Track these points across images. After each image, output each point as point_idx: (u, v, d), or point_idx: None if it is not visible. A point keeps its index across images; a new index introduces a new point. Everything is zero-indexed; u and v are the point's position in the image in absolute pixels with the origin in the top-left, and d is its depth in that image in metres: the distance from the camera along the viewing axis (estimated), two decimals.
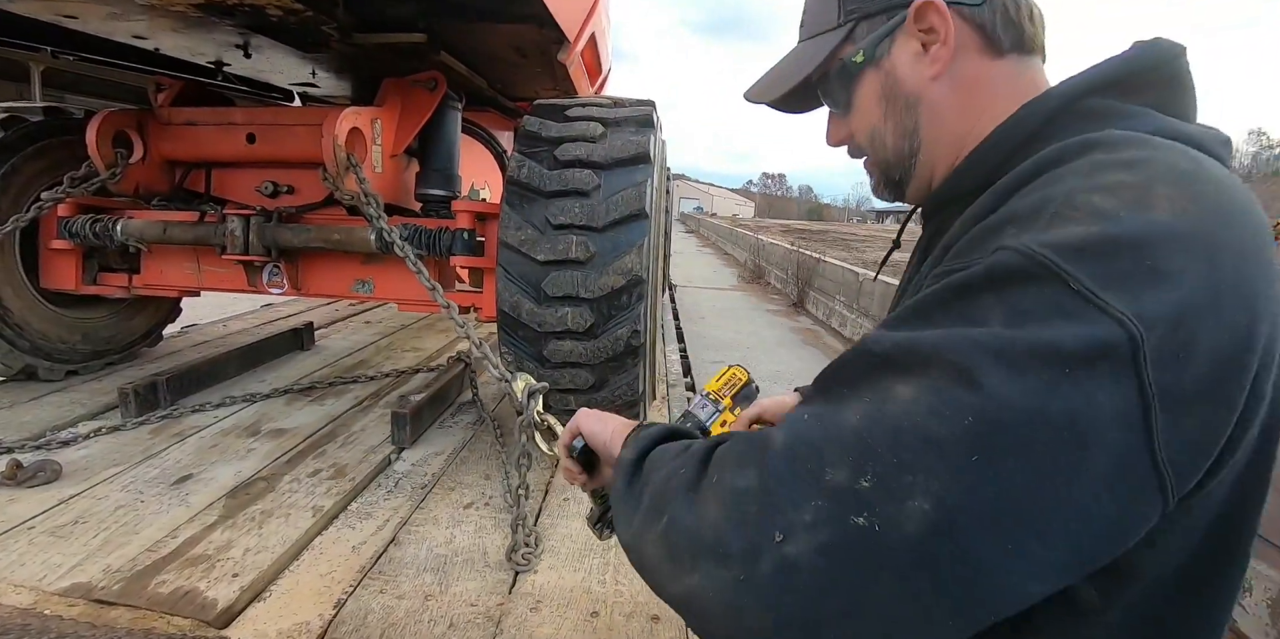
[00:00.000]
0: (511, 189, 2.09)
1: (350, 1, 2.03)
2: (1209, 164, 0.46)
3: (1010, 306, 0.40)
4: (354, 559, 1.60)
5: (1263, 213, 0.46)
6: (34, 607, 1.34)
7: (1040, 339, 0.38)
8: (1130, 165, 0.44)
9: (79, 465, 1.99)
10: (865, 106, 0.66)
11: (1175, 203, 0.41)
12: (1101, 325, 0.37)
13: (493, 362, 1.84)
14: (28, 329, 2.62)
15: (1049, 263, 0.40)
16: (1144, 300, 0.38)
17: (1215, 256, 0.40)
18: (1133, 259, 0.39)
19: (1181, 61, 0.55)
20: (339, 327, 4.15)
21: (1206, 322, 0.38)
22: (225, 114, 2.54)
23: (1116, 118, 0.52)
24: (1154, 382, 0.37)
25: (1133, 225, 0.40)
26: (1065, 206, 0.43)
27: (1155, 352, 0.37)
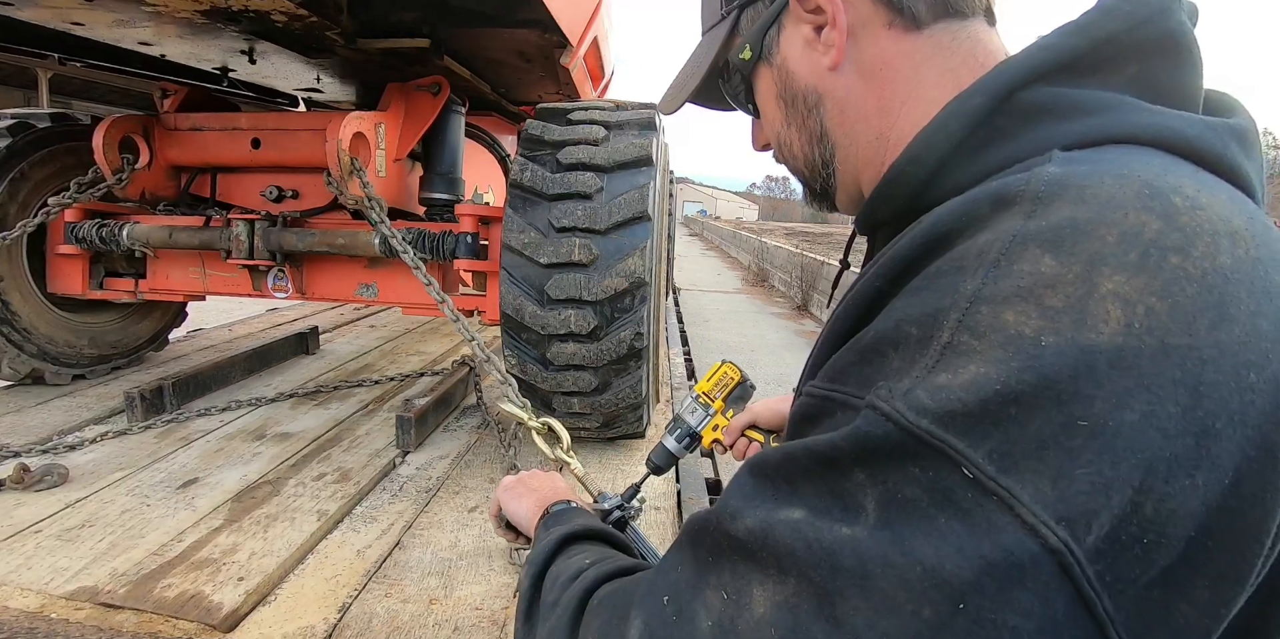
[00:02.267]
0: (514, 192, 2.10)
1: (354, 7, 2.04)
2: (1202, 207, 0.31)
3: (886, 493, 0.30)
4: (359, 563, 1.60)
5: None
6: (41, 610, 1.35)
7: (921, 561, 0.28)
8: (1060, 241, 0.30)
9: (85, 469, 2.00)
10: (766, 109, 0.55)
11: (1130, 304, 0.28)
12: (1007, 534, 0.27)
13: (495, 364, 1.84)
14: (35, 334, 2.63)
15: (927, 435, 0.29)
16: (1074, 484, 0.27)
17: (1197, 383, 0.28)
18: (1057, 418, 0.28)
19: (1173, 17, 0.40)
20: (344, 331, 4.16)
21: (1183, 482, 0.27)
22: (230, 119, 2.56)
23: (1072, 117, 0.38)
24: (1105, 589, 0.27)
25: (1057, 362, 0.28)
26: (962, 330, 0.30)
27: (1100, 552, 0.27)
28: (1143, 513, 0.27)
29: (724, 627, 0.32)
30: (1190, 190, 0.32)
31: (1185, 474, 0.27)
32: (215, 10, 1.79)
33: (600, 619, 0.42)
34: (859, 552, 0.29)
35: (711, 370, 0.86)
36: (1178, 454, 0.27)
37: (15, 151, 2.51)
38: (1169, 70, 0.40)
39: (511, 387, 1.77)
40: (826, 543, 0.30)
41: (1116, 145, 0.36)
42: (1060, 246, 0.30)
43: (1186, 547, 0.28)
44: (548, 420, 1.03)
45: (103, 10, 1.85)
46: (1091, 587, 0.27)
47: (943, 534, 0.28)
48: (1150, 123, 0.37)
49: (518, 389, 1.75)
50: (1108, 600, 0.27)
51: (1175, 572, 0.28)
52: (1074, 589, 0.27)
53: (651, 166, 2.11)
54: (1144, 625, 0.28)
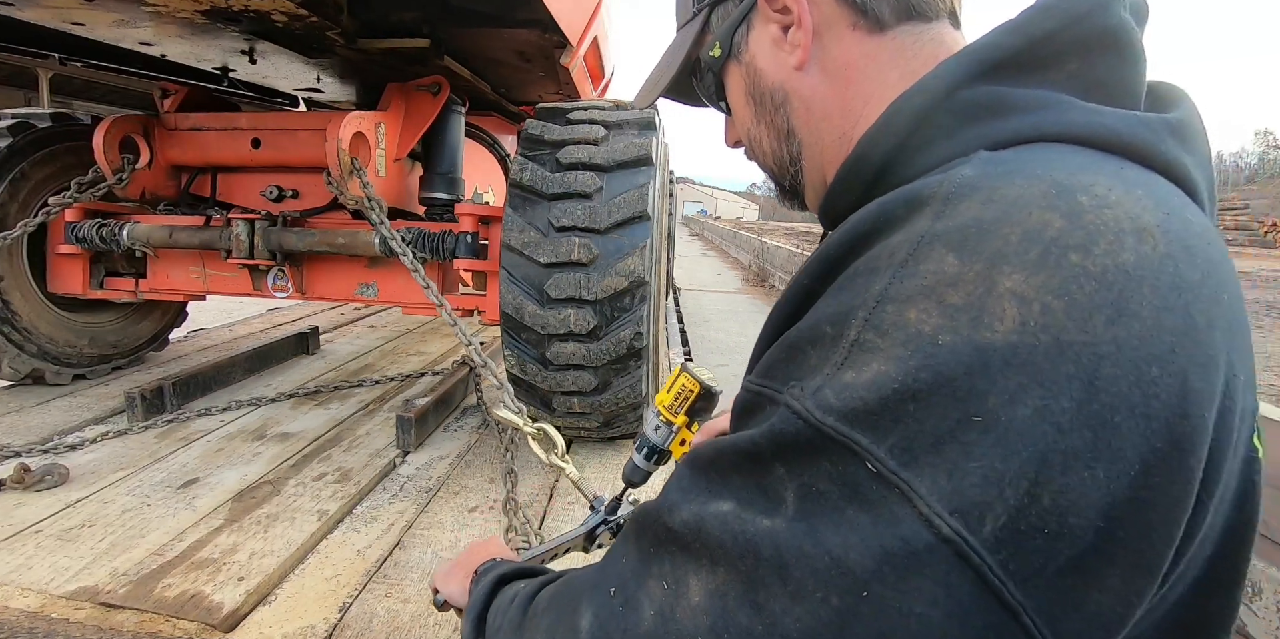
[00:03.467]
0: (514, 192, 2.10)
1: (354, 7, 2.04)
2: (1109, 205, 0.32)
3: (803, 486, 0.31)
4: (359, 563, 1.60)
5: (1212, 262, 0.33)
6: (41, 610, 1.35)
7: (829, 551, 0.29)
8: (965, 241, 0.31)
9: (86, 469, 2.00)
10: (736, 107, 0.56)
11: (1028, 303, 0.29)
12: (905, 525, 0.28)
13: (492, 370, 1.85)
14: (35, 333, 2.63)
15: (833, 434, 0.30)
16: (967, 475, 0.28)
17: (1093, 378, 0.28)
18: (952, 415, 0.28)
19: (1111, 13, 0.40)
20: (344, 331, 4.16)
21: (1082, 474, 0.28)
22: (231, 119, 2.56)
23: (1009, 115, 0.39)
24: (1010, 577, 0.28)
25: (953, 358, 0.29)
26: (868, 328, 0.31)
27: (1000, 541, 0.28)
28: (1041, 504, 0.28)
29: (664, 615, 0.33)
30: (1101, 189, 0.32)
31: (1084, 466, 0.28)
32: (215, 10, 1.80)
33: (549, 618, 0.43)
34: (777, 542, 0.30)
35: (670, 379, 0.81)
36: (1074, 447, 0.28)
37: (16, 151, 2.51)
38: (1109, 66, 0.40)
39: (508, 392, 1.77)
40: (750, 534, 0.31)
41: (1047, 143, 0.37)
42: (964, 246, 0.31)
43: (1095, 536, 0.28)
44: (543, 425, 1.02)
45: (103, 10, 1.85)
46: (994, 575, 0.28)
47: (850, 525, 0.29)
48: (1082, 121, 0.37)
49: (513, 393, 1.75)
50: (1014, 588, 0.28)
51: (1085, 560, 0.28)
52: (976, 577, 0.28)
53: (651, 166, 2.11)
54: (1058, 612, 0.29)
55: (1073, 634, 0.29)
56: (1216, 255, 0.34)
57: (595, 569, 0.42)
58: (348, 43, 2.10)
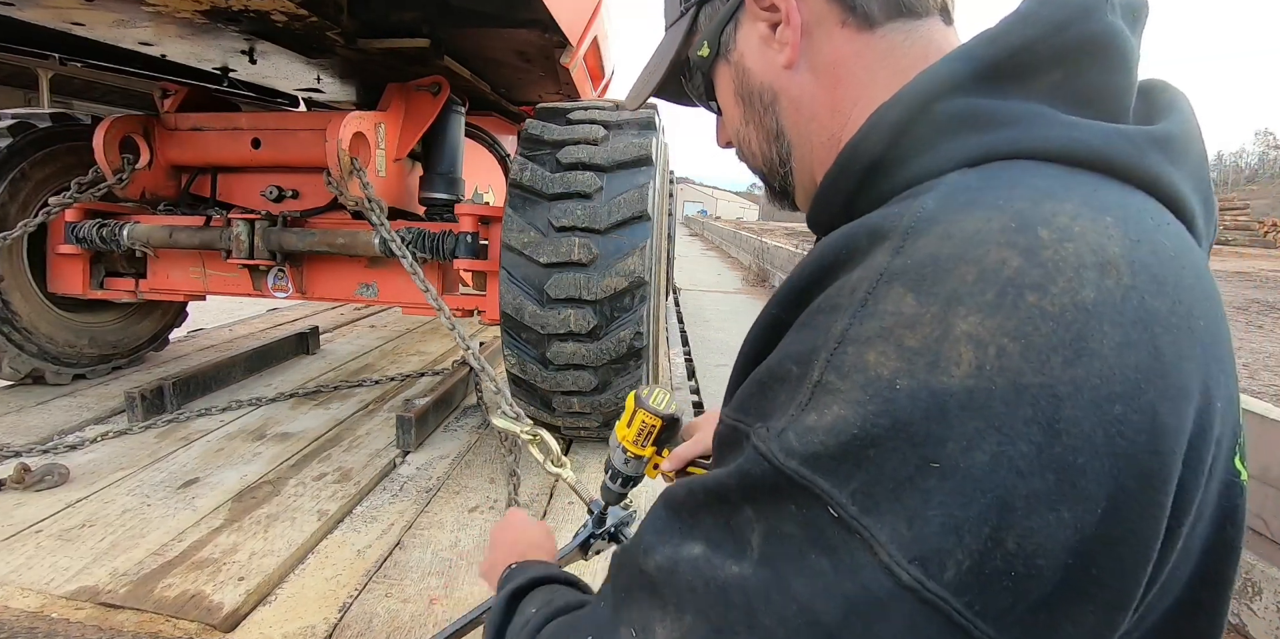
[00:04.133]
0: (514, 192, 2.10)
1: (354, 7, 2.04)
2: (1071, 238, 0.31)
3: (770, 529, 0.31)
4: (359, 563, 1.60)
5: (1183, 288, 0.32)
6: (41, 610, 1.35)
7: (796, 598, 0.29)
8: (922, 280, 0.31)
9: (86, 469, 2.00)
10: (726, 106, 0.55)
11: (984, 347, 0.28)
12: (866, 573, 0.28)
13: (490, 375, 1.84)
14: (35, 333, 2.63)
15: (796, 475, 0.30)
16: (927, 522, 0.28)
17: (1053, 420, 0.28)
18: (911, 460, 0.28)
19: (1096, 19, 0.38)
20: (344, 331, 4.16)
21: (1046, 517, 0.28)
22: (231, 119, 2.56)
23: (985, 130, 0.37)
24: (978, 617, 0.28)
25: (911, 404, 0.29)
26: (830, 369, 0.31)
27: (965, 585, 0.28)
28: (1005, 548, 0.28)
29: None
30: (1064, 219, 0.31)
31: (1048, 509, 0.28)
32: (215, 10, 1.80)
33: None
34: (745, 589, 0.30)
35: (627, 413, 0.78)
36: (1036, 490, 0.28)
37: (16, 151, 2.51)
38: (1095, 74, 0.38)
39: (505, 397, 1.77)
40: (720, 581, 0.31)
41: (1022, 161, 0.36)
42: (921, 285, 0.31)
43: (1066, 574, 0.28)
44: (539, 431, 1.02)
45: (103, 10, 1.85)
46: (962, 616, 0.28)
47: (815, 572, 0.29)
48: (1059, 136, 0.36)
49: (511, 398, 1.74)
50: (985, 627, 0.28)
51: (1056, 598, 0.28)
52: (944, 620, 0.28)
53: (651, 166, 2.11)
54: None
55: None
56: (1189, 280, 0.33)
57: (584, 612, 0.42)
58: (348, 43, 2.10)
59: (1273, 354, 5.57)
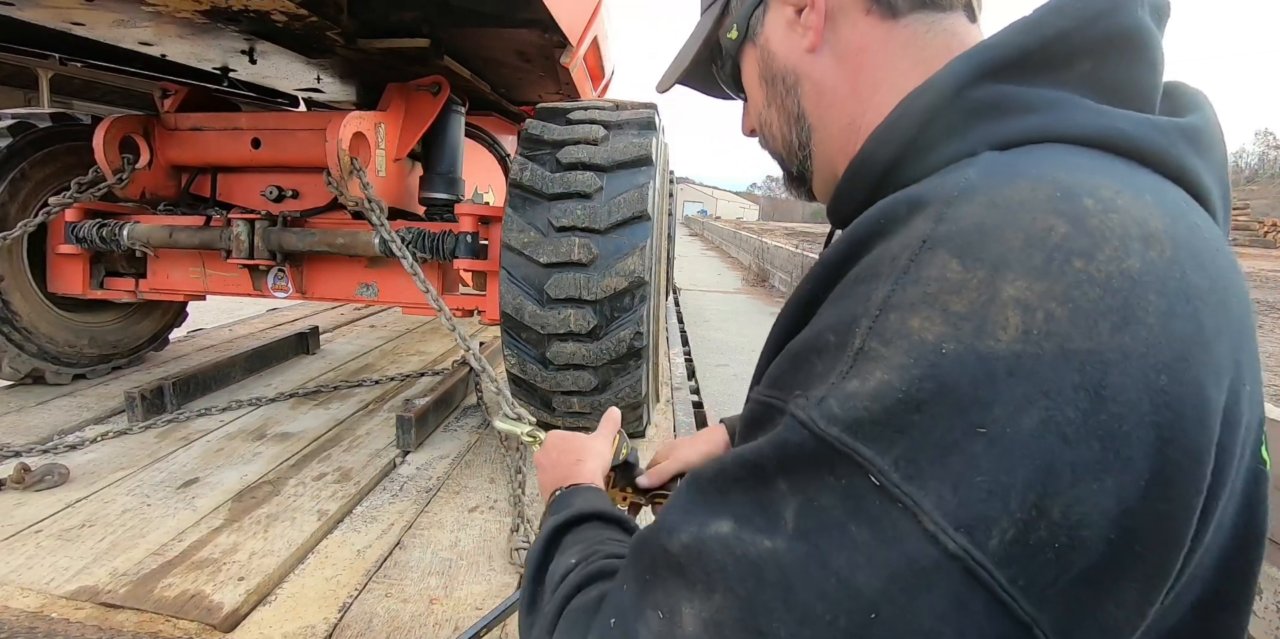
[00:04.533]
0: (514, 192, 2.10)
1: (354, 7, 2.04)
2: (1116, 210, 0.31)
3: (805, 502, 0.30)
4: (359, 563, 1.60)
5: (1219, 269, 0.32)
6: (41, 610, 1.35)
7: (836, 572, 0.28)
8: (967, 246, 0.30)
9: (86, 469, 2.00)
10: (750, 89, 0.56)
11: (1032, 311, 0.28)
12: (910, 542, 0.27)
13: (490, 376, 1.84)
14: (35, 333, 2.63)
15: (837, 442, 0.29)
16: (973, 489, 0.27)
17: (1100, 387, 0.27)
18: (958, 425, 0.28)
19: (1127, 13, 0.39)
20: (344, 331, 4.16)
21: (1091, 486, 0.27)
22: (231, 119, 2.56)
23: (1017, 115, 0.38)
24: (1020, 592, 0.27)
25: (957, 368, 0.28)
26: (872, 336, 0.31)
27: (1010, 557, 0.27)
28: (1050, 517, 0.27)
29: (656, 633, 0.32)
30: (1108, 193, 0.31)
31: (1093, 477, 0.27)
32: (215, 10, 1.80)
33: (567, 636, 0.43)
34: (780, 565, 0.29)
35: None
36: (1083, 458, 0.27)
37: (16, 151, 2.51)
38: (1123, 67, 0.39)
39: (505, 398, 1.76)
40: (752, 557, 0.30)
41: (1055, 144, 0.36)
42: (967, 251, 0.30)
43: (1108, 547, 0.28)
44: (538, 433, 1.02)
45: (103, 10, 1.85)
46: (1005, 590, 0.27)
47: (855, 544, 0.28)
48: (1092, 122, 0.36)
49: (511, 399, 1.74)
50: (1026, 603, 0.27)
51: (1098, 572, 0.28)
52: (987, 593, 0.27)
53: (651, 166, 2.11)
54: (1071, 626, 0.28)
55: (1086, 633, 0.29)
56: (1224, 262, 0.33)
57: (608, 593, 0.41)
58: (348, 43, 2.10)
59: (1273, 354, 5.57)
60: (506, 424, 1.09)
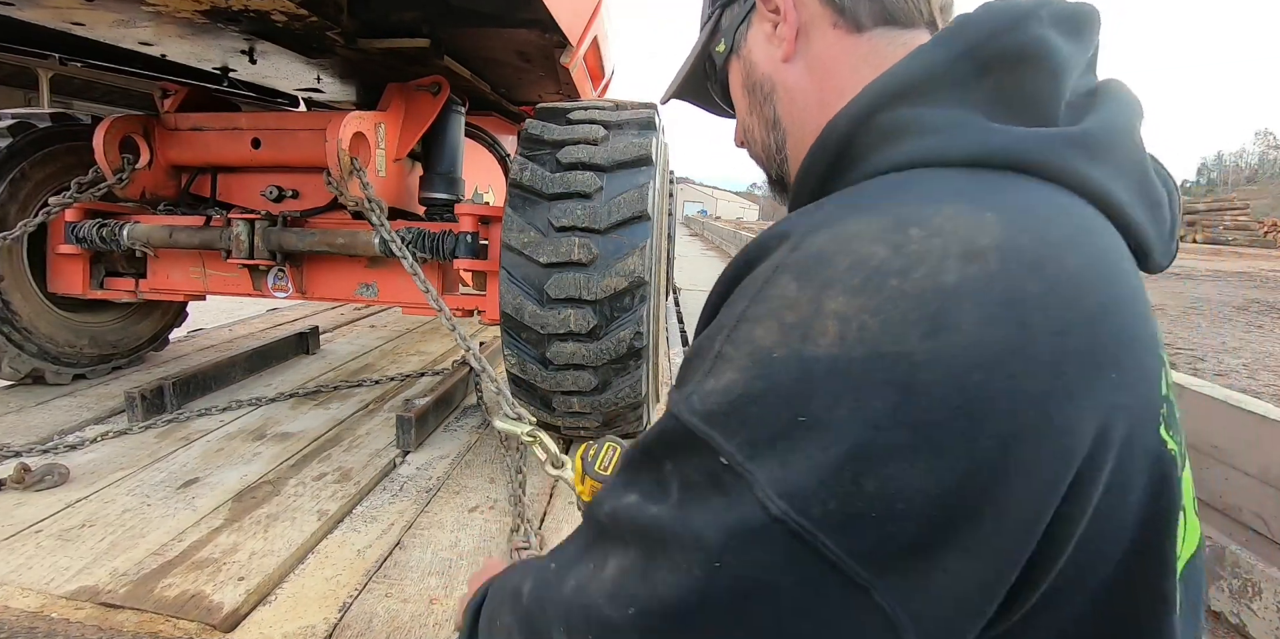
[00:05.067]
0: (514, 192, 2.10)
1: (354, 7, 2.04)
2: (939, 234, 0.34)
3: (683, 478, 0.36)
4: (359, 563, 1.60)
5: (1066, 273, 0.34)
6: (41, 610, 1.35)
7: (693, 530, 0.34)
8: (805, 270, 0.36)
9: (86, 469, 2.00)
10: (736, 99, 0.61)
11: (849, 322, 0.33)
12: (746, 508, 0.33)
13: (491, 376, 1.84)
14: (35, 333, 2.63)
15: (695, 429, 0.35)
16: (794, 466, 0.32)
17: (909, 383, 0.31)
18: (785, 416, 0.33)
19: (1024, 30, 0.42)
20: (344, 331, 4.16)
21: (902, 466, 0.31)
22: (231, 119, 2.56)
23: (911, 138, 0.42)
24: (849, 556, 0.31)
25: (785, 368, 0.33)
26: (728, 343, 0.37)
27: (826, 520, 0.31)
28: (866, 491, 0.31)
29: (580, 586, 0.39)
30: (941, 219, 0.35)
31: (903, 460, 0.31)
32: (215, 10, 1.80)
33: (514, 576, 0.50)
34: (660, 526, 0.36)
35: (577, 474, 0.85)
36: (893, 442, 0.31)
37: (16, 151, 2.51)
38: (1025, 81, 0.42)
39: (505, 398, 1.76)
40: (644, 521, 0.37)
41: (933, 169, 0.40)
42: (804, 275, 0.36)
43: (929, 523, 0.31)
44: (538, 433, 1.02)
45: (103, 10, 1.85)
46: (832, 552, 0.32)
47: (710, 509, 0.34)
48: (975, 142, 0.40)
49: (511, 399, 1.73)
50: (858, 566, 0.32)
51: (924, 544, 0.32)
52: (815, 554, 0.32)
53: (651, 166, 2.11)
54: (906, 591, 0.32)
55: (928, 616, 0.32)
56: (1079, 264, 0.35)
57: (554, 552, 0.48)
58: (348, 43, 2.10)
59: (1273, 354, 5.57)
60: (506, 424, 1.09)
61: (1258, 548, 2.06)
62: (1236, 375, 4.76)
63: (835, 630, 0.33)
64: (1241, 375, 4.78)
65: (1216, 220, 22.61)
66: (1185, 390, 2.51)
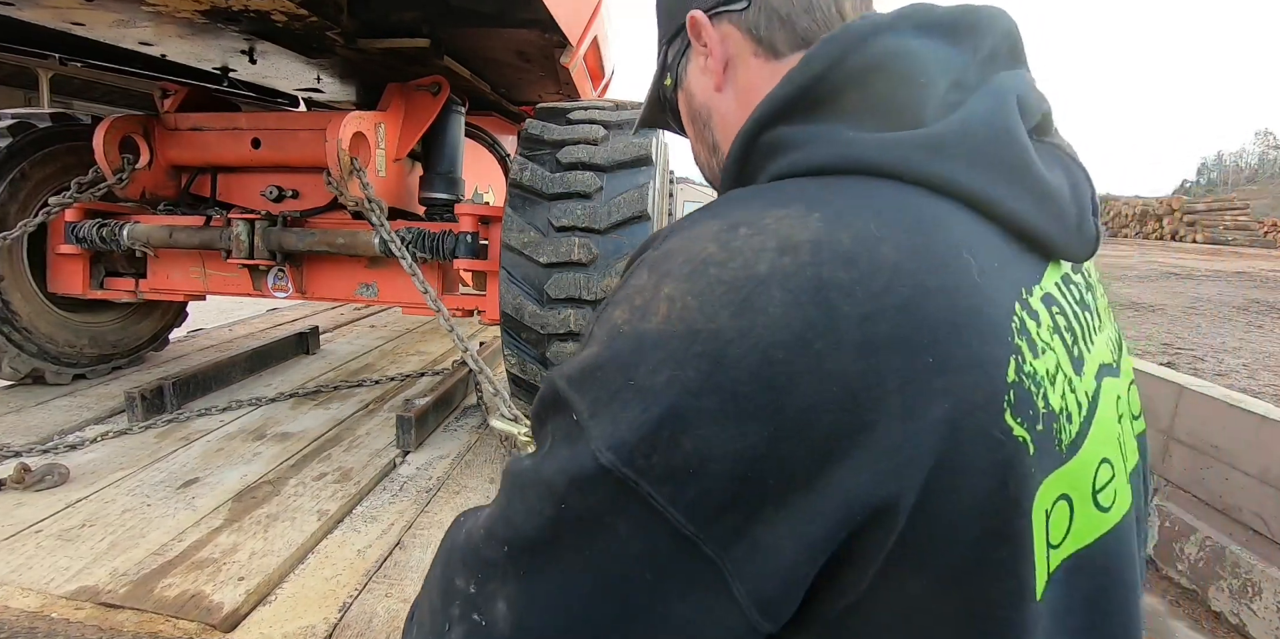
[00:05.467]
0: (514, 192, 2.10)
1: (354, 7, 2.04)
2: (762, 232, 0.39)
3: (551, 433, 0.41)
4: (359, 563, 1.60)
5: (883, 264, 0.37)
6: (41, 610, 1.35)
7: (543, 477, 0.39)
8: (656, 263, 0.41)
9: (86, 469, 2.00)
10: (687, 127, 0.66)
11: (675, 302, 0.38)
12: (583, 458, 0.37)
13: (488, 377, 1.85)
14: (35, 333, 2.63)
15: (561, 391, 0.40)
16: (621, 423, 0.36)
17: (719, 356, 0.35)
18: (620, 379, 0.38)
19: (871, 45, 0.46)
20: (344, 331, 4.16)
21: (714, 428, 0.35)
22: (231, 119, 2.56)
23: (783, 153, 0.47)
24: (673, 507, 0.35)
25: (625, 341, 0.39)
26: (597, 323, 0.42)
27: (650, 472, 0.35)
28: (684, 448, 0.35)
29: (469, 530, 0.44)
30: (768, 220, 0.40)
31: (714, 423, 0.35)
32: (215, 10, 1.80)
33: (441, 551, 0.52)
34: (522, 474, 0.41)
35: None
36: (706, 407, 0.35)
37: (16, 151, 2.51)
38: (883, 91, 0.45)
39: (503, 399, 1.76)
40: (516, 471, 0.42)
41: (797, 178, 0.45)
42: (654, 267, 0.41)
43: (743, 482, 0.35)
44: None
45: (103, 10, 1.85)
46: (657, 501, 0.35)
47: (559, 459, 0.39)
48: (828, 153, 0.44)
49: (509, 399, 1.74)
50: (683, 518, 0.35)
51: (741, 500, 0.35)
52: (640, 502, 0.36)
53: (651, 166, 2.11)
54: (730, 544, 0.35)
55: (751, 570, 0.36)
56: (894, 257, 0.37)
57: None
58: (348, 43, 2.10)
59: (1273, 354, 5.57)
60: (503, 424, 1.09)
61: (1258, 548, 2.06)
62: (1236, 375, 4.76)
63: (672, 579, 0.36)
64: (1241, 375, 4.78)
65: (1216, 220, 22.57)
66: (1185, 390, 2.51)
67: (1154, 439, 2.61)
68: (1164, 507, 2.48)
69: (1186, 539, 2.31)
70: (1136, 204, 25.00)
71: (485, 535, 0.42)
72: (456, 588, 0.43)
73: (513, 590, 0.39)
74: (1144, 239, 23.66)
